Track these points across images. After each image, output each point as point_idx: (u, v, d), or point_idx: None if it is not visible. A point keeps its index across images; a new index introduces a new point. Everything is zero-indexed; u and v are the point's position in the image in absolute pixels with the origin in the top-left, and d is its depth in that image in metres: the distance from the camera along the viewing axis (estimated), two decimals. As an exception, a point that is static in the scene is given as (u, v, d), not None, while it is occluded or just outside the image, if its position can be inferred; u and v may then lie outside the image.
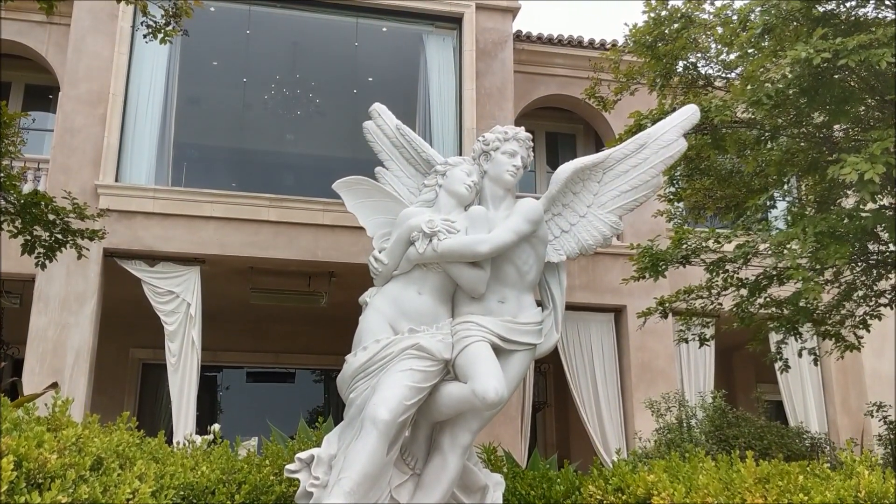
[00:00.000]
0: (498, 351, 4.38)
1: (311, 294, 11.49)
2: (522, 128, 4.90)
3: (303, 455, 4.15)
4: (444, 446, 4.30)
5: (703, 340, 9.36)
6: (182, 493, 4.26)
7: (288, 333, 13.43)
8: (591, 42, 13.01)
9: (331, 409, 12.66)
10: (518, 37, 12.68)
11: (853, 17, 6.97)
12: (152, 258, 10.24)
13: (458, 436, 4.31)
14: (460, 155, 10.85)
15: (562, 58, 13.06)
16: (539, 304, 4.75)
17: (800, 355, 8.59)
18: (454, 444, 4.29)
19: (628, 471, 4.78)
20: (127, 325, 12.02)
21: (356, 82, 12.49)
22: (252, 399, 13.90)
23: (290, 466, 4.18)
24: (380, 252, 4.60)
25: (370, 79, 12.60)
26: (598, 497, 4.64)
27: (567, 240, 4.80)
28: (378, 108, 5.16)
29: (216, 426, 6.02)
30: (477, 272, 4.41)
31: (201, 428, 10.06)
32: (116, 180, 10.29)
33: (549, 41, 13.04)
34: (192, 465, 4.52)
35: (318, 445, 4.36)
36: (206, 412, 12.71)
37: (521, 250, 4.49)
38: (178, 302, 10.16)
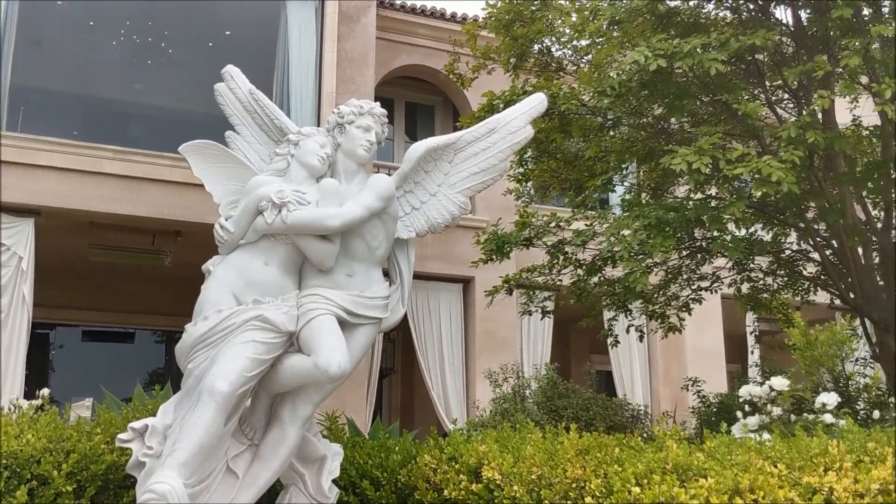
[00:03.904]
0: (343, 324, 4.42)
1: (155, 252, 11.11)
2: (378, 103, 4.94)
3: (136, 424, 4.07)
4: (283, 417, 4.34)
5: (545, 313, 9.84)
6: (5, 461, 4.10)
7: (128, 292, 12.93)
8: (454, 15, 13.14)
9: (171, 372, 12.34)
10: (382, 3, 12.62)
11: (693, 18, 7.41)
12: (-20, 208, 9.57)
13: (299, 407, 4.36)
14: (318, 118, 10.75)
15: (424, 28, 13.13)
16: (387, 276, 4.85)
17: (627, 332, 9.18)
18: (294, 416, 4.34)
19: (462, 441, 4.98)
20: (-51, 277, 11.19)
21: (213, 35, 12.03)
22: (87, 359, 13.32)
23: (122, 436, 4.08)
24: (226, 220, 4.53)
25: (228, 32, 12.17)
26: (432, 466, 4.82)
27: (417, 217, 4.90)
28: (231, 70, 5.02)
29: (45, 391, 5.77)
30: (326, 245, 4.43)
31: (31, 388, 9.57)
32: (-58, 122, 9.51)
33: (413, 11, 13.07)
34: (16, 433, 4.33)
35: (154, 414, 4.29)
36: (37, 371, 12.08)
37: (372, 226, 4.55)
38: (8, 255, 9.56)
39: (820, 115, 6.95)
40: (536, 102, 4.93)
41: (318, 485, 4.54)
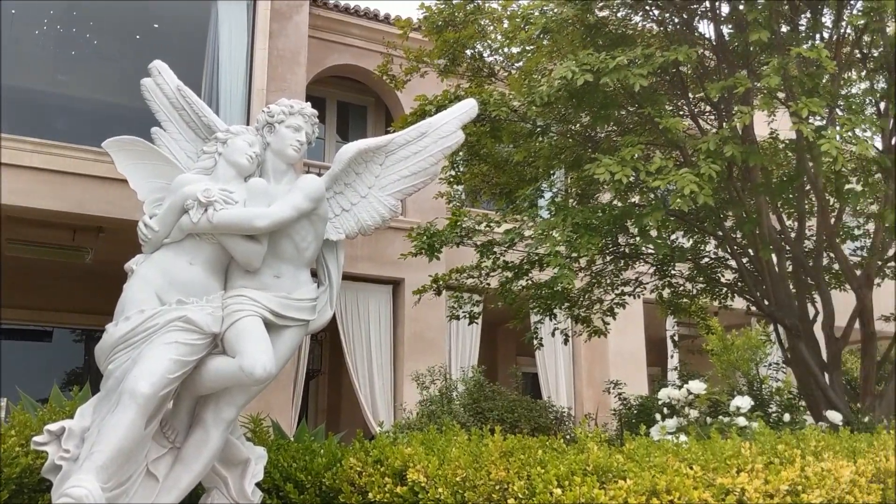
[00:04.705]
0: (270, 325, 4.39)
1: (76, 249, 10.79)
2: (309, 103, 4.92)
3: (53, 427, 3.94)
4: (206, 420, 4.27)
5: (472, 318, 9.92)
6: (-90, 465, 3.94)
7: (47, 289, 12.52)
8: (387, 17, 13.15)
9: (90, 373, 11.98)
10: (315, 1, 12.55)
11: (621, 30, 7.60)
12: None
13: (223, 410, 4.29)
14: (248, 116, 10.60)
15: (357, 28, 13.10)
16: (315, 277, 4.83)
17: (553, 335, 9.33)
18: (217, 418, 4.27)
19: (388, 443, 4.99)
20: None
21: (140, 27, 11.74)
22: (2, 358, 12.82)
23: (37, 438, 3.95)
24: (151, 218, 4.44)
25: (156, 25, 11.90)
26: (357, 469, 4.81)
27: (347, 219, 4.89)
28: (158, 65, 4.93)
29: (-45, 392, 5.56)
30: (253, 246, 4.39)
31: (-62, 388, 9.18)
32: None
33: (346, 10, 13.04)
34: (-76, 436, 4.17)
35: (71, 416, 4.17)
36: (-54, 371, 11.58)
37: (301, 226, 4.52)
38: (-84, 249, 9.18)
39: (740, 129, 7.20)
40: (468, 108, 4.99)
41: (241, 488, 4.49)
